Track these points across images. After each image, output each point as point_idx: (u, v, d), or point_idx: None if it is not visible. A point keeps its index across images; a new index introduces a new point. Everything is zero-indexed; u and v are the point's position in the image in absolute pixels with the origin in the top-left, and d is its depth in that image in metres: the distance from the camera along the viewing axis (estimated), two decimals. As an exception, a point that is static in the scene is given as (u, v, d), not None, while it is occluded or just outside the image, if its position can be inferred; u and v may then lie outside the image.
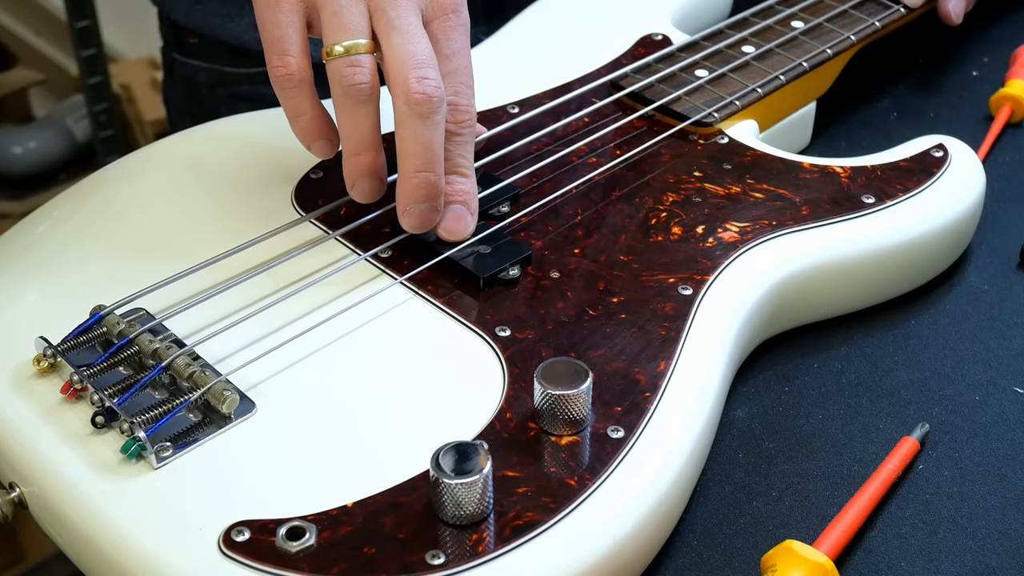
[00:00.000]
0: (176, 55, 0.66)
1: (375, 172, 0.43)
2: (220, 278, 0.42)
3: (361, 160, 0.42)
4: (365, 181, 0.43)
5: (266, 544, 0.34)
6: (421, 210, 0.42)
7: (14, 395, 0.38)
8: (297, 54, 0.41)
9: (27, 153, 1.36)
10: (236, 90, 0.65)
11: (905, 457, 0.41)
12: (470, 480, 0.34)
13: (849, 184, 0.48)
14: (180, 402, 0.37)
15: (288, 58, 0.41)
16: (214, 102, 0.65)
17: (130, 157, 0.49)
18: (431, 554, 0.34)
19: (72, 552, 0.37)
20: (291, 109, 0.42)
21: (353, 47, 0.41)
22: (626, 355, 0.40)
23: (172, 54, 0.66)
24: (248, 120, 0.52)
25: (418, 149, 0.41)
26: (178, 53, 0.66)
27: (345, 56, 0.41)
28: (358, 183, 0.43)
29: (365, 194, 0.43)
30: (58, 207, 0.47)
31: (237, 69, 0.64)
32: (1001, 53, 0.62)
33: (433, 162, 0.41)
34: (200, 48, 0.64)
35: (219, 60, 0.64)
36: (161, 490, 0.36)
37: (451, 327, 0.41)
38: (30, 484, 0.37)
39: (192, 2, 0.63)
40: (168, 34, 0.67)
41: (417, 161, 0.41)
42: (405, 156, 0.41)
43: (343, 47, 0.41)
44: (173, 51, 0.66)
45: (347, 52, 0.41)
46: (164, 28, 0.67)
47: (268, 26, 0.42)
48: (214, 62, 0.64)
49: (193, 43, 0.65)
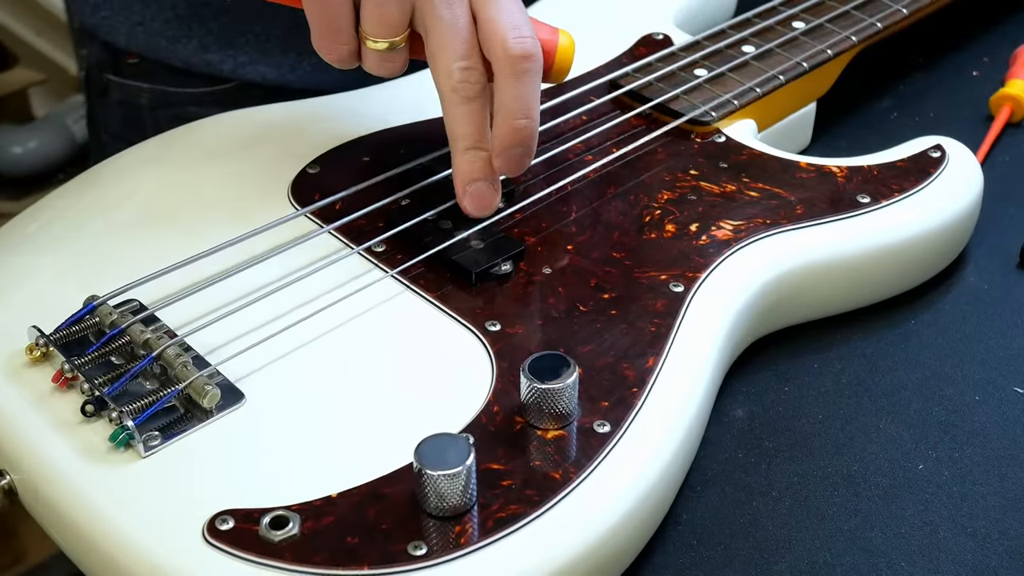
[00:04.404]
0: (112, 77, 0.63)
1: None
2: (214, 270, 0.43)
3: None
4: (483, 183, 0.43)
5: (250, 533, 0.34)
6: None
7: (5, 383, 0.39)
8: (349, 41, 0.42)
9: (27, 153, 1.36)
10: (182, 111, 0.61)
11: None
12: (453, 472, 0.34)
13: (845, 184, 0.48)
14: (168, 392, 0.37)
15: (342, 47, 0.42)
16: (156, 124, 0.62)
17: (126, 152, 0.50)
18: (413, 545, 0.34)
19: (60, 539, 0.37)
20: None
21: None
22: (615, 350, 0.40)
23: (106, 76, 0.63)
24: (245, 115, 0.52)
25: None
26: (114, 75, 0.63)
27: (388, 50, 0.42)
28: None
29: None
30: (55, 200, 0.47)
31: (183, 89, 0.61)
32: (1001, 53, 0.62)
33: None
34: (141, 68, 0.61)
35: (162, 81, 0.61)
36: (148, 478, 0.36)
37: (441, 321, 0.41)
38: (20, 471, 0.37)
39: (132, 23, 0.60)
40: (100, 56, 0.63)
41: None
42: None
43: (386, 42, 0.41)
44: (107, 73, 0.63)
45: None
46: (94, 50, 0.63)
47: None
48: (157, 82, 0.62)
49: (133, 63, 0.62)
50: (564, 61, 0.45)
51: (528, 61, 0.41)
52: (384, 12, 0.41)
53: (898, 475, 0.41)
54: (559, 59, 0.45)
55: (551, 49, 0.44)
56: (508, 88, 0.41)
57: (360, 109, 0.45)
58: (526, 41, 0.41)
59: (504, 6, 0.42)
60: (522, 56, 0.41)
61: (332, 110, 0.44)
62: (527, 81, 0.41)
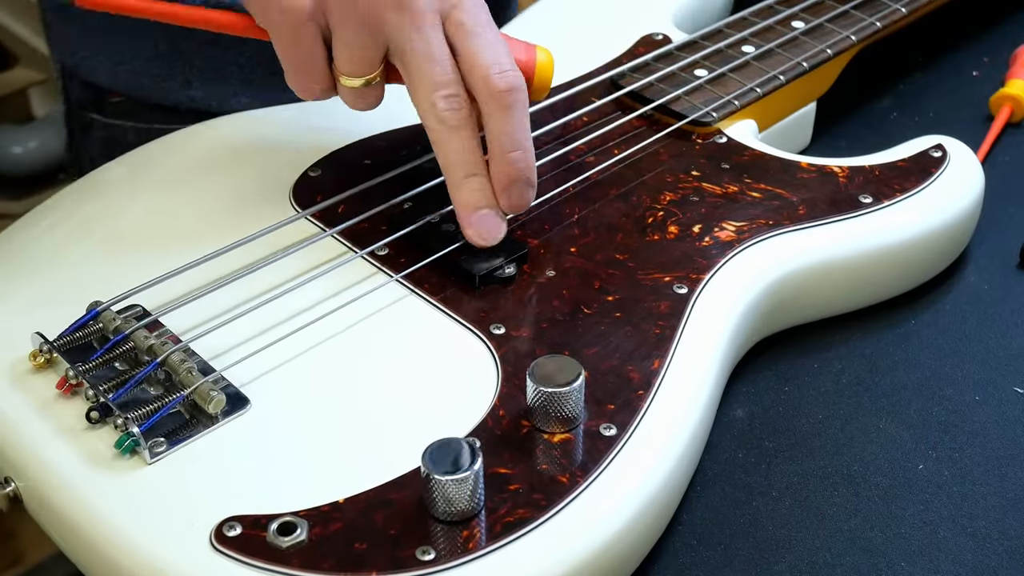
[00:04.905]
0: (95, 115, 0.61)
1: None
2: (217, 274, 0.42)
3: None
4: (487, 211, 0.42)
5: (257, 539, 0.34)
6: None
7: (10, 390, 0.39)
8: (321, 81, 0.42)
9: (27, 153, 1.36)
10: None
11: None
12: (461, 477, 0.34)
13: (847, 184, 0.48)
14: (173, 398, 0.37)
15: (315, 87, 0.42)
16: None
17: (128, 156, 0.50)
18: (422, 550, 0.34)
19: (66, 546, 0.37)
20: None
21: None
22: (620, 353, 0.40)
23: (89, 115, 0.62)
24: (247, 118, 0.52)
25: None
26: (97, 113, 0.61)
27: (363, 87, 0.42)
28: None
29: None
30: (56, 204, 0.47)
31: (168, 126, 0.58)
32: (1001, 53, 0.62)
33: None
34: (124, 107, 0.60)
35: (147, 119, 0.60)
36: (154, 485, 0.36)
37: (446, 324, 0.41)
38: (24, 478, 0.37)
39: (114, 63, 0.59)
40: (82, 94, 0.62)
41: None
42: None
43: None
44: (90, 112, 0.62)
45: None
46: (75, 89, 0.62)
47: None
48: (141, 121, 0.61)
49: (116, 102, 0.61)
50: (543, 79, 0.45)
51: (513, 94, 0.41)
52: (357, 50, 0.41)
53: (898, 475, 0.41)
54: (539, 77, 0.45)
55: (530, 68, 0.44)
56: (497, 124, 0.41)
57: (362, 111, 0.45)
58: (508, 75, 0.41)
59: (482, 36, 0.41)
60: (506, 90, 0.41)
61: (334, 112, 0.44)
62: (514, 114, 0.41)
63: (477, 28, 0.41)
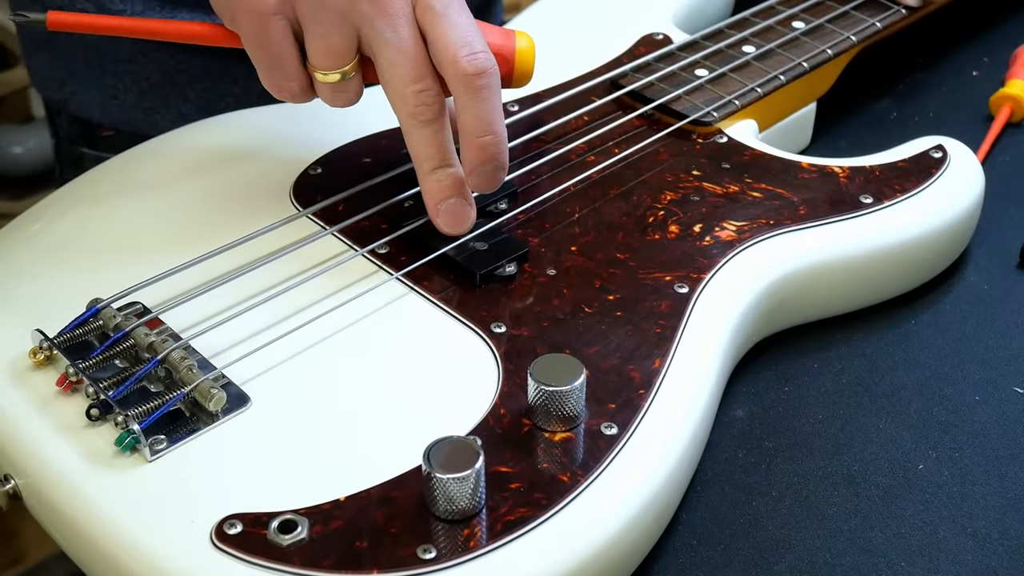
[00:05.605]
0: (86, 150, 0.60)
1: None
2: (217, 272, 0.42)
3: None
4: (455, 200, 0.42)
5: (258, 537, 0.34)
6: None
7: (10, 387, 0.39)
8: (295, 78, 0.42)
9: (27, 153, 1.36)
10: None
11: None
12: (462, 475, 0.34)
13: (847, 184, 0.48)
14: (173, 395, 0.37)
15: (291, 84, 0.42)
16: None
17: (127, 153, 0.50)
18: (422, 548, 0.34)
19: (66, 544, 0.37)
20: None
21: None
22: (621, 352, 0.40)
23: (79, 149, 0.61)
24: (247, 116, 0.52)
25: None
26: (88, 148, 0.60)
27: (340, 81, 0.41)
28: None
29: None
30: (56, 201, 0.47)
31: None
32: (1001, 53, 0.62)
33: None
34: (117, 141, 0.59)
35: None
36: (154, 483, 0.36)
37: (447, 323, 0.41)
38: (24, 476, 0.37)
39: (106, 98, 0.58)
40: (72, 129, 0.61)
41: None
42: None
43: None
44: (80, 146, 0.61)
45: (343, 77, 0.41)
46: (64, 123, 0.61)
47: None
48: None
49: (108, 136, 0.60)
50: (524, 65, 0.43)
51: (482, 77, 0.40)
52: (329, 43, 0.40)
53: (898, 475, 0.41)
54: (519, 63, 0.43)
55: (508, 55, 0.43)
56: (467, 108, 0.40)
57: (362, 109, 0.45)
58: (478, 57, 0.40)
59: (452, 20, 0.40)
60: (475, 74, 0.40)
61: (334, 111, 0.44)
62: (484, 98, 0.40)
63: (446, 10, 0.40)
